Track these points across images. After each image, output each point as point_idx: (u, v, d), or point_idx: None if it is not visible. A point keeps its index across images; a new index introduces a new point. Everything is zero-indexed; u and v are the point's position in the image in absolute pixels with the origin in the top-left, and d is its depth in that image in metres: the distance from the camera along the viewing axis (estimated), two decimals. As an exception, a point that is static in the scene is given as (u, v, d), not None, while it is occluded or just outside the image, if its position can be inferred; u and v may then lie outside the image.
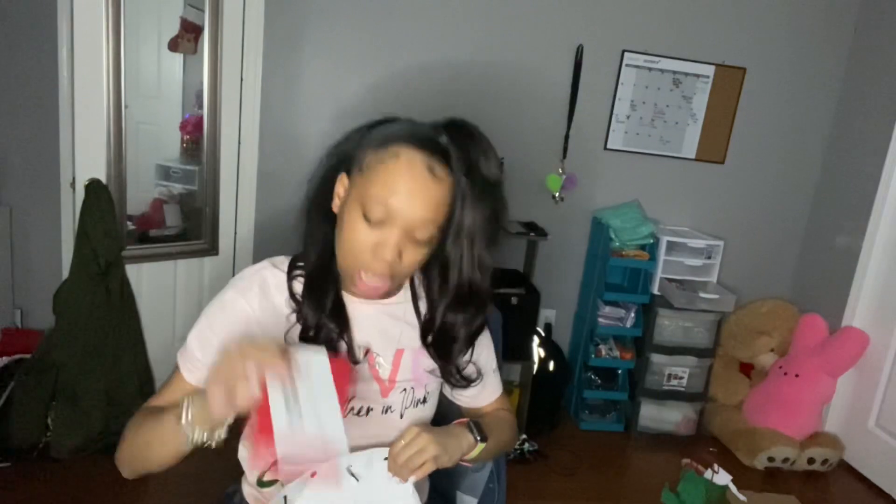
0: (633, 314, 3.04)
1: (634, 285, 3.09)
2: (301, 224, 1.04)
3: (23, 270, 2.80)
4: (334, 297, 1.01)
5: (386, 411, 1.06)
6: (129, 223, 2.73)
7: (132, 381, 2.42)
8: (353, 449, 1.02)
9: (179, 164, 3.10)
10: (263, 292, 1.01)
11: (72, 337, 2.27)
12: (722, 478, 2.51)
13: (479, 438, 1.03)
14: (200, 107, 2.82)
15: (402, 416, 1.07)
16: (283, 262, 1.05)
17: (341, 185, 0.99)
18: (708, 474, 2.54)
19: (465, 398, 1.19)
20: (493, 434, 1.08)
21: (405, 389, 1.07)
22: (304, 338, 0.99)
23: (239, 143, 2.83)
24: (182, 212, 3.07)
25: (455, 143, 0.95)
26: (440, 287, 1.05)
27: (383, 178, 0.91)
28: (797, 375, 2.98)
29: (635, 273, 3.08)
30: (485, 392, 1.19)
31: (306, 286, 1.01)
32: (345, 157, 1.00)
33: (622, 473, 2.83)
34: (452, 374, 1.10)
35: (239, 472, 1.16)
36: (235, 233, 2.92)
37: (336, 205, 0.99)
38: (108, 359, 2.31)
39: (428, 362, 1.09)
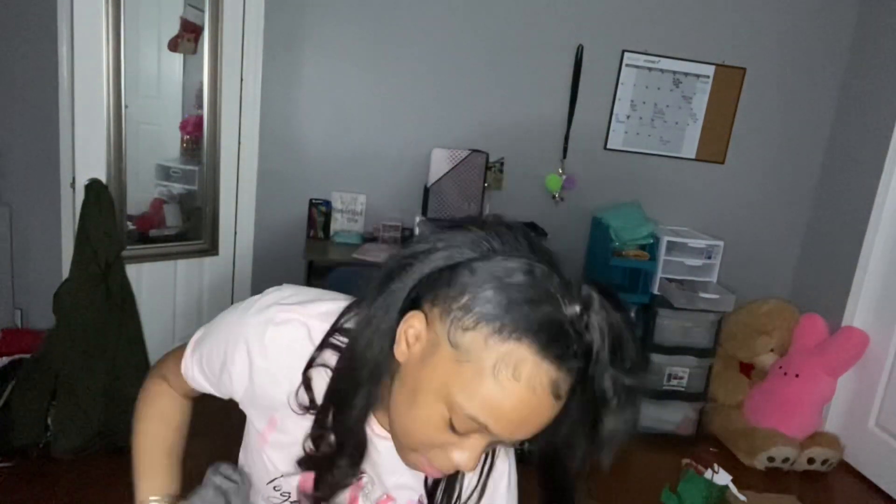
0: (632, 314, 3.04)
1: (634, 285, 3.08)
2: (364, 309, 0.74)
3: (23, 270, 2.80)
4: (358, 419, 0.77)
5: None
6: (129, 223, 2.73)
7: (132, 380, 2.42)
8: None
9: (179, 164, 3.10)
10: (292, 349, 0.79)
11: (72, 337, 2.26)
12: (722, 478, 2.50)
13: None
14: (200, 107, 2.82)
15: None
16: (321, 318, 0.79)
17: (411, 328, 0.69)
18: (708, 474, 2.54)
19: None
20: None
21: None
22: (313, 440, 0.80)
23: (239, 143, 2.83)
24: (182, 212, 3.07)
25: (597, 323, 0.65)
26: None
27: (491, 398, 0.64)
28: (797, 375, 2.98)
29: (635, 273, 3.08)
30: None
31: (332, 387, 0.77)
32: (420, 285, 0.69)
33: (622, 473, 2.82)
34: None
35: None
36: (235, 233, 2.93)
37: (401, 352, 0.70)
38: (107, 358, 2.31)
39: None
